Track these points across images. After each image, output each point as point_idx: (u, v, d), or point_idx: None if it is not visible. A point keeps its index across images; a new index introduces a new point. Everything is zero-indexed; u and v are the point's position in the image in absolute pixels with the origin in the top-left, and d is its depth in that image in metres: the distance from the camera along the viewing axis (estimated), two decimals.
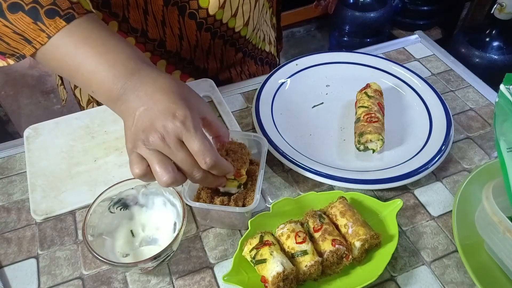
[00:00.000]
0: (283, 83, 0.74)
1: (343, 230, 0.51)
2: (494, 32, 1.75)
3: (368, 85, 0.69)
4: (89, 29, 0.47)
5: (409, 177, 0.58)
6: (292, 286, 0.47)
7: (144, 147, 0.44)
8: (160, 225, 0.54)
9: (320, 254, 0.48)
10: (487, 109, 0.71)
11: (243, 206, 0.53)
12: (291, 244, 0.49)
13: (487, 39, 1.76)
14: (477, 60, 1.77)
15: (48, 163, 0.62)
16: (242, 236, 0.52)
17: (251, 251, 0.48)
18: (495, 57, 1.75)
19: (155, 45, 0.70)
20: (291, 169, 0.61)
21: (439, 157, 0.61)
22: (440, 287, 0.50)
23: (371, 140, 0.62)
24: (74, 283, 0.51)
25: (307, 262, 0.47)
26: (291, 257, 0.48)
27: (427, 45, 0.85)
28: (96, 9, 0.63)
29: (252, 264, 0.48)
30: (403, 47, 0.85)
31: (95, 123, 0.68)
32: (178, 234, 0.48)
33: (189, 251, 0.53)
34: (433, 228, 0.55)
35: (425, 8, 2.32)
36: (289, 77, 0.75)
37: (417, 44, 0.85)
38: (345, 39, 2.24)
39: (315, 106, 0.72)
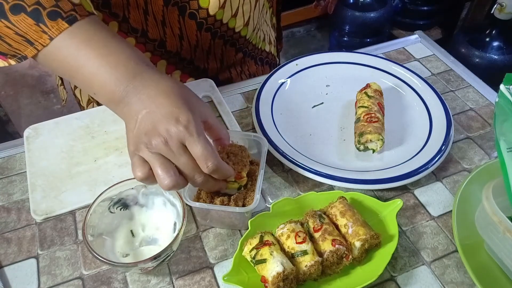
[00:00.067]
0: (283, 83, 0.74)
1: (343, 230, 0.51)
2: (494, 32, 1.75)
3: (368, 85, 0.69)
4: (91, 31, 0.47)
5: (409, 177, 0.58)
6: (292, 286, 0.47)
7: (146, 150, 0.44)
8: (160, 225, 0.54)
9: (320, 254, 0.48)
10: (487, 109, 0.71)
11: (243, 206, 0.53)
12: (291, 244, 0.49)
13: (487, 39, 1.76)
14: (477, 60, 1.77)
15: (48, 163, 0.62)
16: (242, 236, 0.52)
17: (251, 251, 0.48)
18: (495, 57, 1.75)
19: (155, 45, 0.70)
20: (291, 169, 0.61)
21: (439, 157, 0.61)
22: (440, 287, 0.50)
23: (371, 140, 0.62)
24: (74, 283, 0.51)
25: (307, 262, 0.47)
26: (291, 257, 0.48)
27: (427, 45, 0.85)
28: (96, 9, 0.63)
29: (252, 264, 0.48)
30: (403, 47, 0.85)
31: (95, 123, 0.68)
32: (178, 234, 0.48)
33: (189, 251, 0.53)
34: (433, 228, 0.55)
35: (425, 8, 2.32)
36: (289, 77, 0.75)
37: (417, 44, 0.85)
38: (345, 39, 2.24)
39: (315, 106, 0.72)
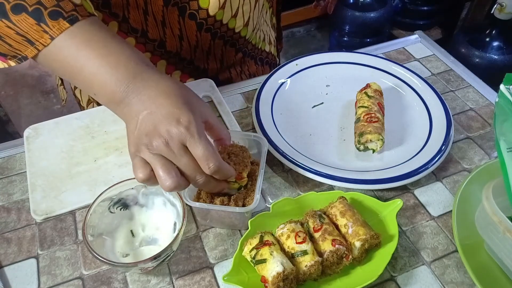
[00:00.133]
0: (283, 83, 0.74)
1: (343, 230, 0.51)
2: (494, 32, 1.75)
3: (368, 85, 0.69)
4: (91, 31, 0.47)
5: (409, 177, 0.58)
6: (292, 286, 0.47)
7: (147, 151, 0.44)
8: (160, 225, 0.54)
9: (320, 254, 0.48)
10: (487, 109, 0.71)
11: (243, 206, 0.53)
12: (291, 244, 0.49)
13: (487, 39, 1.76)
14: (477, 60, 1.77)
15: (48, 163, 0.62)
16: (242, 236, 0.52)
17: (251, 251, 0.48)
18: (495, 57, 1.75)
19: (155, 46, 0.70)
20: (291, 169, 0.61)
21: (439, 157, 0.61)
22: (440, 287, 0.50)
23: (371, 140, 0.62)
24: (74, 283, 0.51)
25: (307, 262, 0.47)
26: (291, 257, 0.48)
27: (427, 45, 0.85)
28: (96, 9, 0.63)
29: (252, 264, 0.48)
30: (403, 47, 0.85)
31: (95, 123, 0.68)
32: (178, 234, 0.48)
33: (189, 251, 0.53)
34: (433, 228, 0.55)
35: (425, 8, 2.32)
36: (289, 77, 0.75)
37: (417, 44, 0.85)
38: (345, 39, 2.25)
39: (315, 106, 0.72)
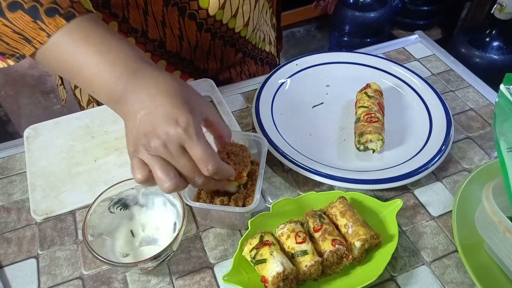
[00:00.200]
0: (283, 83, 0.74)
1: (343, 230, 0.51)
2: (494, 32, 1.75)
3: (368, 85, 0.69)
4: (89, 28, 0.47)
5: (409, 177, 0.58)
6: (292, 286, 0.47)
7: (145, 152, 0.43)
8: (160, 225, 0.54)
9: (320, 254, 0.48)
10: (487, 109, 0.71)
11: (243, 206, 0.53)
12: (291, 244, 0.49)
13: (487, 39, 1.76)
14: (477, 60, 1.77)
15: (48, 163, 0.62)
16: (242, 236, 0.52)
17: (251, 251, 0.48)
18: (495, 57, 1.75)
19: (155, 46, 0.70)
20: (291, 169, 0.61)
21: (439, 157, 0.61)
22: (440, 287, 0.50)
23: (371, 140, 0.62)
24: (74, 283, 0.51)
25: (307, 262, 0.47)
26: (291, 257, 0.48)
27: (427, 45, 0.85)
28: (96, 9, 0.63)
29: (252, 264, 0.48)
30: (403, 47, 0.85)
31: (95, 123, 0.68)
32: (178, 234, 0.48)
33: (189, 251, 0.53)
34: (433, 228, 0.55)
35: (425, 8, 2.32)
36: (289, 77, 0.75)
37: (417, 44, 0.85)
38: (345, 39, 2.24)
39: (315, 106, 0.72)
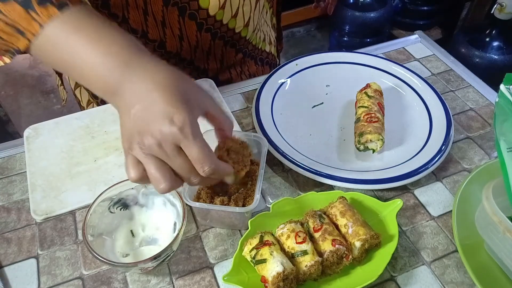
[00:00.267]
0: (283, 83, 0.74)
1: (343, 230, 0.51)
2: (494, 32, 1.75)
3: (368, 85, 0.69)
4: (82, 18, 0.45)
5: (409, 177, 0.58)
6: (292, 286, 0.47)
7: (140, 150, 0.42)
8: (160, 225, 0.54)
9: (320, 254, 0.48)
10: (487, 109, 0.71)
11: (243, 206, 0.53)
12: (291, 244, 0.49)
13: (487, 39, 1.76)
14: (477, 60, 1.77)
15: (48, 163, 0.62)
16: (242, 236, 0.52)
17: (251, 251, 0.48)
18: (495, 57, 1.75)
19: (155, 46, 0.70)
20: (291, 169, 0.61)
21: (439, 157, 0.61)
22: (440, 287, 0.50)
23: (371, 140, 0.62)
24: (74, 283, 0.51)
25: (307, 262, 0.47)
26: (291, 257, 0.48)
27: (427, 45, 0.85)
28: (95, 10, 0.63)
29: (252, 264, 0.48)
30: (403, 47, 0.85)
31: (95, 123, 0.68)
32: (178, 234, 0.48)
33: (189, 251, 0.53)
34: (433, 228, 0.55)
35: (425, 8, 2.32)
36: (289, 77, 0.75)
37: (417, 44, 0.85)
38: (345, 39, 2.25)
39: (315, 106, 0.72)
